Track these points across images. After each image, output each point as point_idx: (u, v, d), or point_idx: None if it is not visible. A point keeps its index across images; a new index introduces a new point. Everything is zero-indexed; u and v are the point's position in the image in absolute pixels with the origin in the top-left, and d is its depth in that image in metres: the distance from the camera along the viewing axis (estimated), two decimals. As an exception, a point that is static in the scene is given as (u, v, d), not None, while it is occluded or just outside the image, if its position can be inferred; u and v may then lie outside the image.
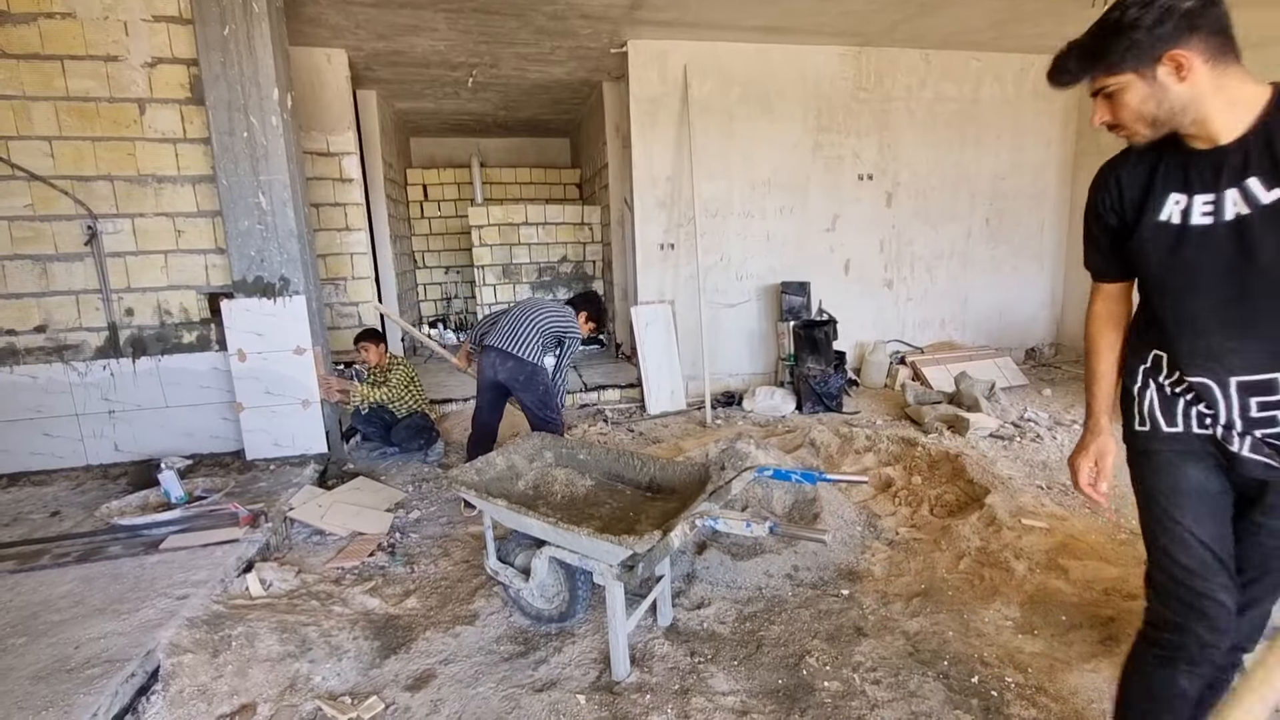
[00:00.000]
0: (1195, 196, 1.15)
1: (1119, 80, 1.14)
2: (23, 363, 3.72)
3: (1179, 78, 1.09)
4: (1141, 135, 1.20)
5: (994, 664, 2.05)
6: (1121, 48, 1.11)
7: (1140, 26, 1.08)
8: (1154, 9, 1.07)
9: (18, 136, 3.53)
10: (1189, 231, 1.17)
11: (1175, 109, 1.12)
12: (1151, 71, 1.11)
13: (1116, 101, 1.18)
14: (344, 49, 5.12)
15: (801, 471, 2.30)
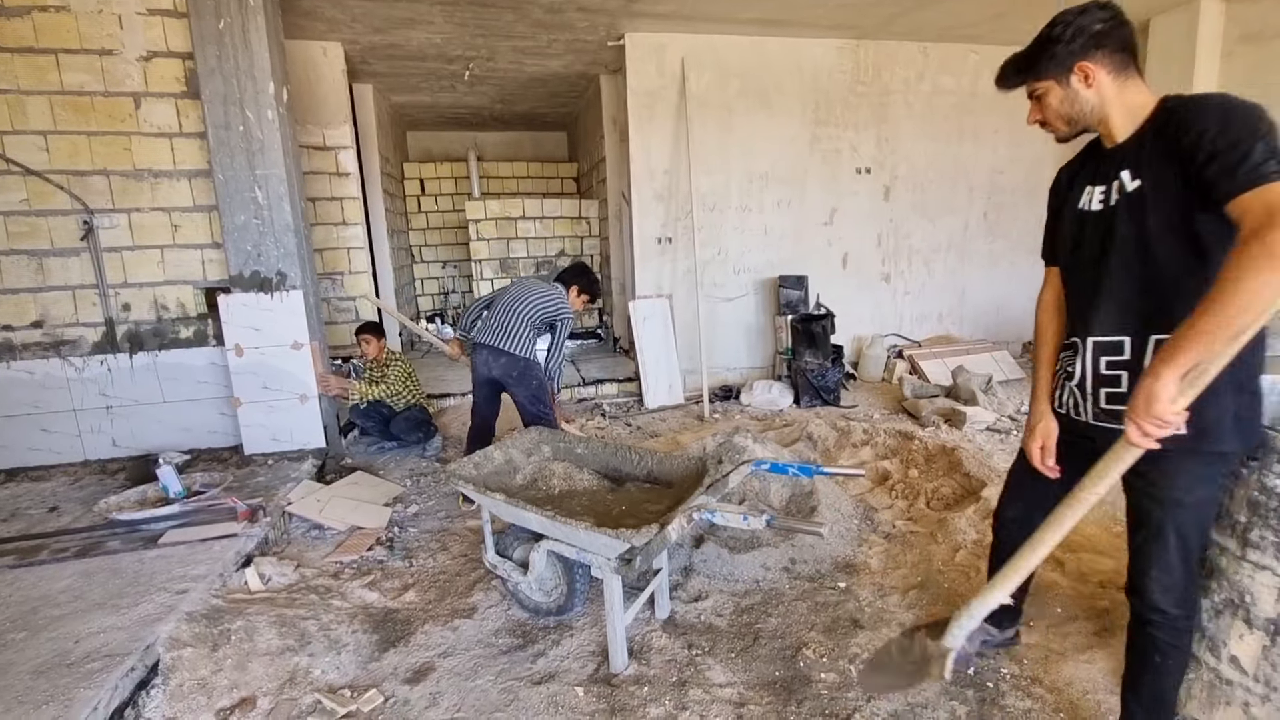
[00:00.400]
0: (1096, 187, 1.43)
1: (1043, 85, 1.40)
2: (20, 358, 3.71)
3: (1086, 85, 1.35)
4: (1062, 131, 1.46)
5: (990, 655, 2.07)
6: (1045, 58, 1.36)
7: (1059, 41, 1.34)
8: (1070, 29, 1.32)
9: (12, 131, 3.52)
10: (1088, 215, 1.44)
11: (1085, 110, 1.38)
12: (1066, 79, 1.36)
13: (1043, 103, 1.43)
14: (340, 42, 5.09)
15: (799, 465, 2.31)
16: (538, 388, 3.35)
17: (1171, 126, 1.26)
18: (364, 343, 4.24)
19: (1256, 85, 4.69)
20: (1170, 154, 1.25)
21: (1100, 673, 1.95)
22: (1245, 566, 1.48)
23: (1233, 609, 1.51)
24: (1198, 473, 1.36)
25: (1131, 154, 1.34)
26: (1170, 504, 1.39)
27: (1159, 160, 1.28)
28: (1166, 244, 1.29)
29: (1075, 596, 2.32)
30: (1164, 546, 1.41)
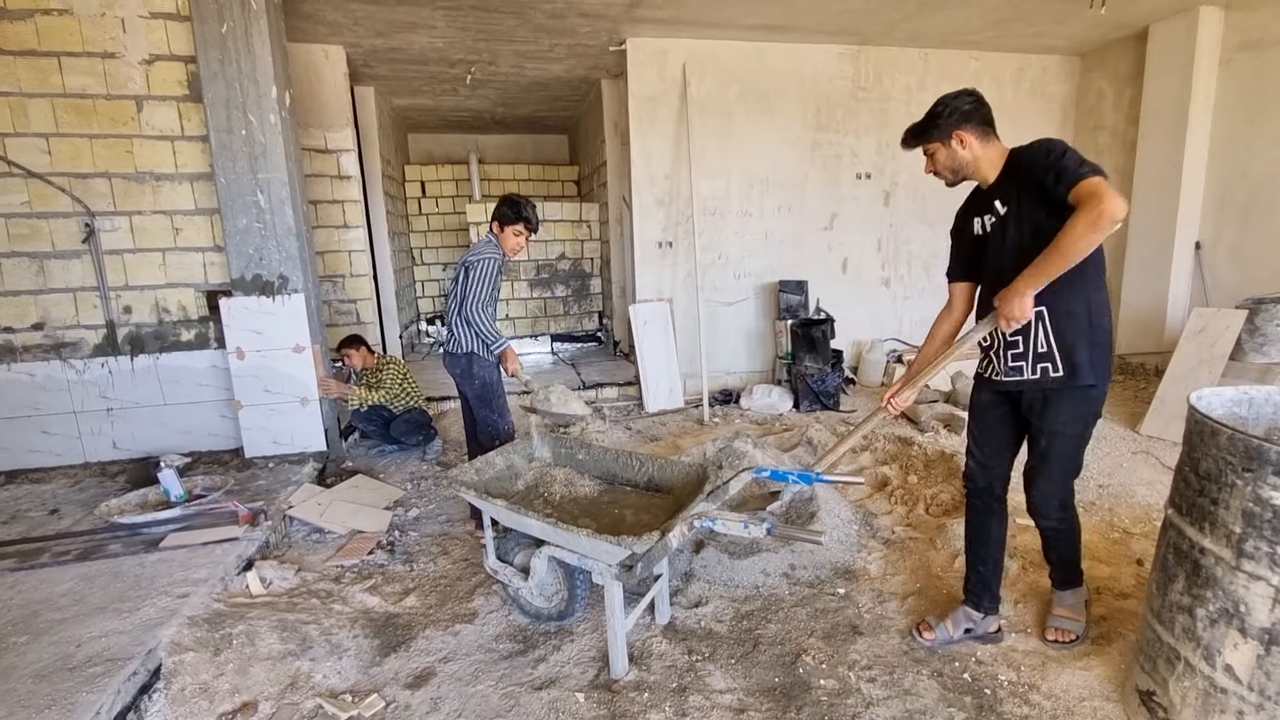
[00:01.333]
0: (981, 217, 1.99)
1: (932, 147, 1.96)
2: (20, 360, 3.72)
3: (962, 146, 1.91)
4: (949, 179, 2.00)
5: (987, 662, 2.08)
6: (933, 129, 1.92)
7: (941, 117, 1.90)
8: (949, 108, 1.89)
9: (14, 133, 3.53)
10: (978, 238, 2.01)
11: (963, 164, 1.94)
12: (948, 142, 1.92)
13: (934, 159, 1.98)
14: (342, 46, 5.11)
15: (798, 472, 2.32)
16: (481, 387, 3.02)
17: (1019, 166, 1.84)
18: (347, 357, 4.25)
19: (1255, 93, 4.72)
20: (1023, 183, 1.82)
21: (1097, 679, 1.96)
22: (1240, 577, 1.49)
23: (1227, 618, 1.52)
24: (1070, 404, 1.89)
25: (998, 190, 1.91)
26: (1052, 432, 1.92)
27: (1016, 190, 1.85)
28: (1032, 243, 1.79)
29: (1073, 603, 2.33)
30: (1045, 465, 1.97)
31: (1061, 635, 2.13)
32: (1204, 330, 4.26)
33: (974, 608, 2.16)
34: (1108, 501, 3.22)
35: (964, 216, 2.07)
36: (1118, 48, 5.62)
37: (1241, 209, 4.90)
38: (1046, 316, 1.85)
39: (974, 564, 2.16)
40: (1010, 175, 1.87)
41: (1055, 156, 1.73)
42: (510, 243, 3.03)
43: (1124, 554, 2.67)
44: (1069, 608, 2.16)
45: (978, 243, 1.99)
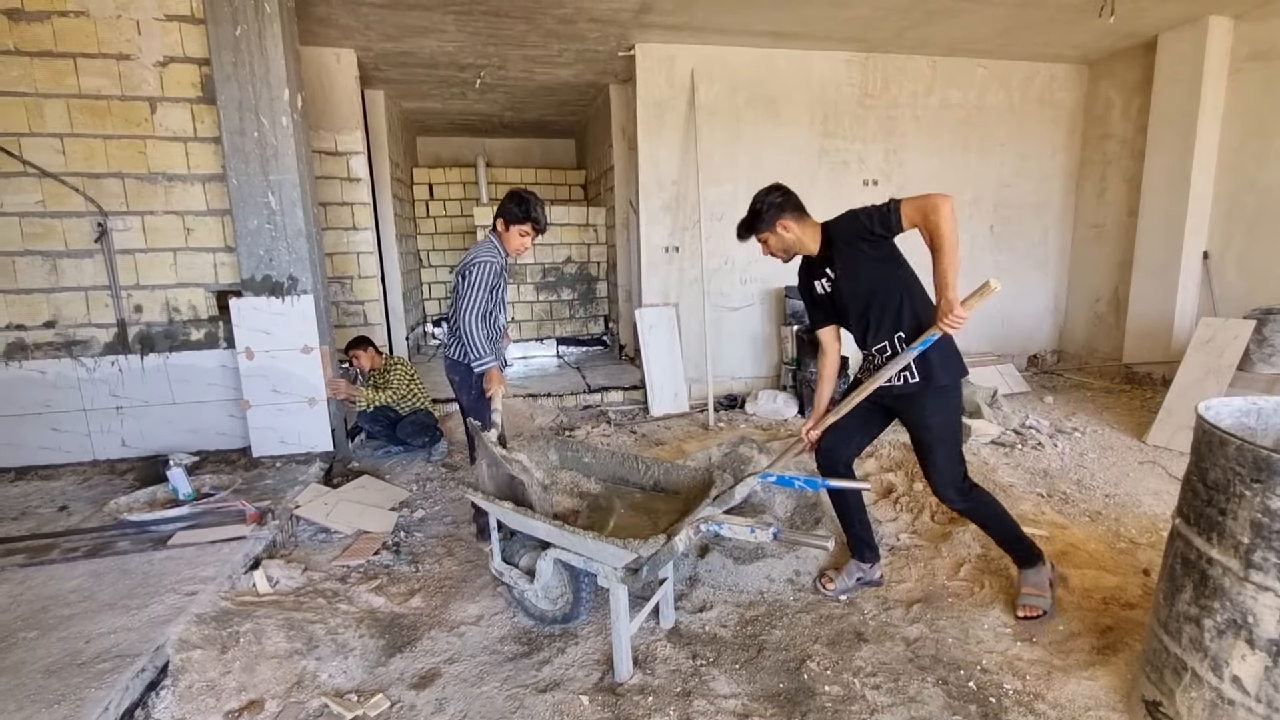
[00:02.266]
0: (819, 280, 2.33)
1: (764, 235, 2.29)
2: (32, 358, 3.75)
3: (786, 231, 2.25)
4: (782, 258, 2.35)
5: (993, 671, 2.08)
6: (759, 222, 2.26)
7: (764, 212, 2.25)
8: (766, 204, 2.24)
9: (30, 133, 3.57)
10: (821, 296, 2.35)
11: (791, 244, 2.29)
12: (774, 230, 2.26)
13: (767, 245, 2.31)
14: (353, 49, 5.15)
15: (804, 478, 2.32)
16: (478, 399, 2.86)
17: (837, 237, 2.21)
18: (354, 358, 4.29)
19: (1264, 103, 4.71)
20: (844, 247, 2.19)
21: (1103, 689, 1.95)
22: (1248, 588, 1.49)
23: (1235, 629, 1.52)
24: (933, 403, 2.19)
25: (824, 258, 2.27)
26: (924, 427, 2.22)
27: (839, 254, 2.21)
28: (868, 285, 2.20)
29: (1078, 612, 2.33)
30: (931, 455, 2.24)
31: (1029, 611, 2.29)
32: (1212, 340, 4.24)
33: (860, 559, 2.56)
34: (1114, 511, 3.21)
35: (807, 280, 2.40)
36: (1126, 57, 5.62)
37: (1250, 219, 4.89)
38: (903, 339, 2.17)
39: (846, 527, 2.55)
40: (830, 244, 2.23)
41: (864, 216, 2.11)
42: (515, 243, 2.82)
43: (1130, 564, 2.66)
44: (1033, 585, 2.33)
45: (825, 299, 2.33)
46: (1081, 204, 6.25)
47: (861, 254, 2.16)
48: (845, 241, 2.18)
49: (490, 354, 2.77)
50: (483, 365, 2.77)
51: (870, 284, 2.19)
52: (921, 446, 2.27)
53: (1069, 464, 3.87)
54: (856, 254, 2.17)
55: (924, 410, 2.20)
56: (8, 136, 3.54)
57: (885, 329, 2.20)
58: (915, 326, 2.16)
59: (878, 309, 2.20)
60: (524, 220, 2.79)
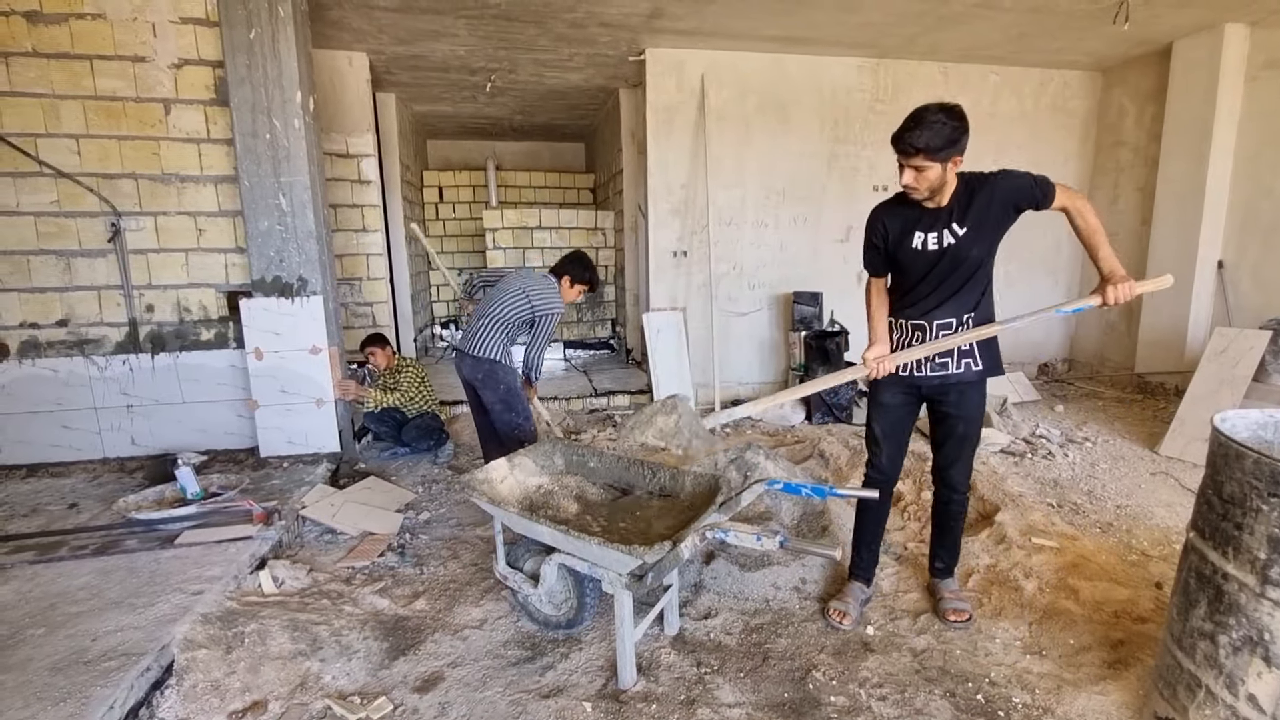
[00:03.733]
0: (929, 233, 2.08)
1: (936, 163, 1.94)
2: (44, 356, 3.78)
3: (955, 166, 1.98)
4: (924, 194, 2.03)
5: (1001, 684, 2.05)
6: (950, 147, 1.92)
7: (962, 138, 1.92)
8: (963, 130, 1.93)
9: (46, 134, 3.61)
10: (921, 252, 2.11)
11: (941, 184, 2.00)
12: (950, 161, 1.95)
13: (922, 174, 1.97)
14: (365, 52, 5.18)
15: (811, 485, 2.30)
16: (506, 392, 3.16)
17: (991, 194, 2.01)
18: (371, 355, 4.31)
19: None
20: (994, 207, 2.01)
21: (1114, 705, 1.92)
22: (1265, 604, 1.46)
23: (1251, 646, 1.49)
24: (979, 394, 2.20)
25: (955, 213, 2.04)
26: (967, 419, 2.20)
27: (980, 214, 2.02)
28: (980, 263, 2.07)
29: (1089, 626, 2.29)
30: (964, 446, 2.23)
31: (960, 615, 2.32)
32: (1226, 351, 4.19)
33: (865, 583, 2.45)
34: (1125, 523, 3.17)
35: (897, 230, 2.14)
36: (1140, 64, 5.58)
37: (1266, 228, 4.83)
38: (972, 322, 2.12)
39: (867, 544, 2.42)
40: (970, 201, 2.03)
41: (1030, 181, 2.01)
42: (571, 296, 3.34)
43: (1143, 577, 2.62)
44: (954, 592, 2.40)
45: (918, 257, 2.12)
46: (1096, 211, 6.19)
47: (1003, 221, 2.04)
48: (1002, 202, 2.02)
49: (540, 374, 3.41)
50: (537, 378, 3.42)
51: (984, 255, 2.07)
52: (958, 436, 2.22)
53: (1080, 474, 3.83)
54: (999, 219, 2.03)
55: (971, 401, 2.18)
56: (25, 137, 3.58)
57: (962, 306, 2.11)
58: (984, 315, 2.14)
59: (972, 283, 2.10)
60: (586, 284, 3.38)
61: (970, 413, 2.19)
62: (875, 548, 2.45)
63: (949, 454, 2.25)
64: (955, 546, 2.42)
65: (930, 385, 2.19)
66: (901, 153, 1.97)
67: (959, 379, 2.15)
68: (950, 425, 2.22)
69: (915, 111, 1.96)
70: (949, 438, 2.24)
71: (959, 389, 2.16)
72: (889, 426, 2.29)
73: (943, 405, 2.21)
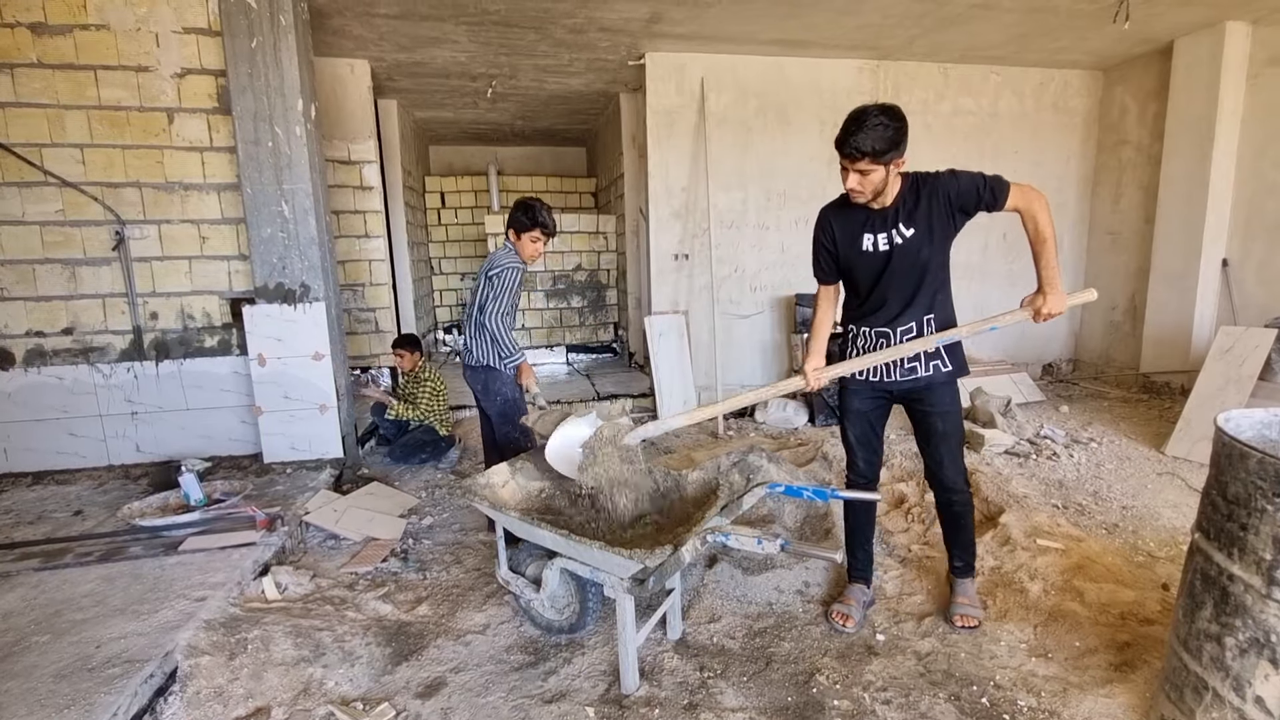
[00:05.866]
0: (876, 234, 2.09)
1: (878, 166, 1.95)
2: (50, 364, 3.81)
3: (897, 168, 1.99)
4: (866, 197, 2.03)
5: (1006, 687, 2.04)
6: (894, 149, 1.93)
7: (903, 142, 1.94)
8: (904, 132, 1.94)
9: (51, 144, 3.64)
10: (869, 254, 2.13)
11: (884, 186, 2.00)
12: (893, 164, 1.96)
13: (866, 178, 1.98)
14: (366, 59, 5.21)
15: (814, 488, 2.29)
16: (503, 404, 2.99)
17: (936, 194, 2.01)
18: (399, 356, 4.40)
19: (1283, 109, 4.64)
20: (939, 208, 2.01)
21: (1121, 708, 1.91)
22: (1271, 606, 1.45)
23: (1258, 648, 1.48)
24: (952, 393, 2.23)
25: (901, 214, 2.05)
26: (945, 416, 2.21)
27: (927, 214, 2.02)
28: (930, 264, 2.07)
29: (1095, 628, 2.28)
30: (948, 443, 2.23)
31: (968, 621, 2.30)
32: (1231, 349, 4.17)
33: (866, 584, 2.47)
34: (1131, 524, 3.15)
35: (848, 230, 2.15)
36: (1142, 62, 5.57)
37: (1271, 226, 4.81)
38: (933, 324, 2.13)
39: (861, 545, 2.46)
40: (916, 201, 2.03)
41: (978, 182, 1.99)
42: (528, 250, 2.94)
43: (1149, 578, 2.60)
44: (969, 596, 2.37)
45: (866, 259, 2.13)
46: (1097, 211, 6.18)
47: (953, 221, 2.03)
48: (946, 202, 2.01)
49: (519, 350, 2.98)
50: (516, 359, 2.96)
51: (934, 257, 2.06)
52: (939, 432, 2.23)
53: (1085, 475, 3.81)
54: (952, 218, 2.03)
55: (945, 397, 2.21)
56: (30, 147, 3.61)
57: (920, 309, 2.12)
58: (943, 317, 2.15)
59: (926, 286, 2.09)
60: (532, 226, 2.91)
61: (946, 407, 2.21)
62: (869, 548, 2.49)
63: (935, 455, 2.26)
64: (970, 544, 2.39)
65: (901, 389, 2.23)
66: (846, 156, 1.97)
67: (929, 381, 2.18)
68: (930, 424, 2.24)
69: (854, 113, 1.95)
70: (930, 437, 2.26)
71: (930, 390, 2.20)
72: (861, 432, 2.35)
73: (919, 405, 2.24)
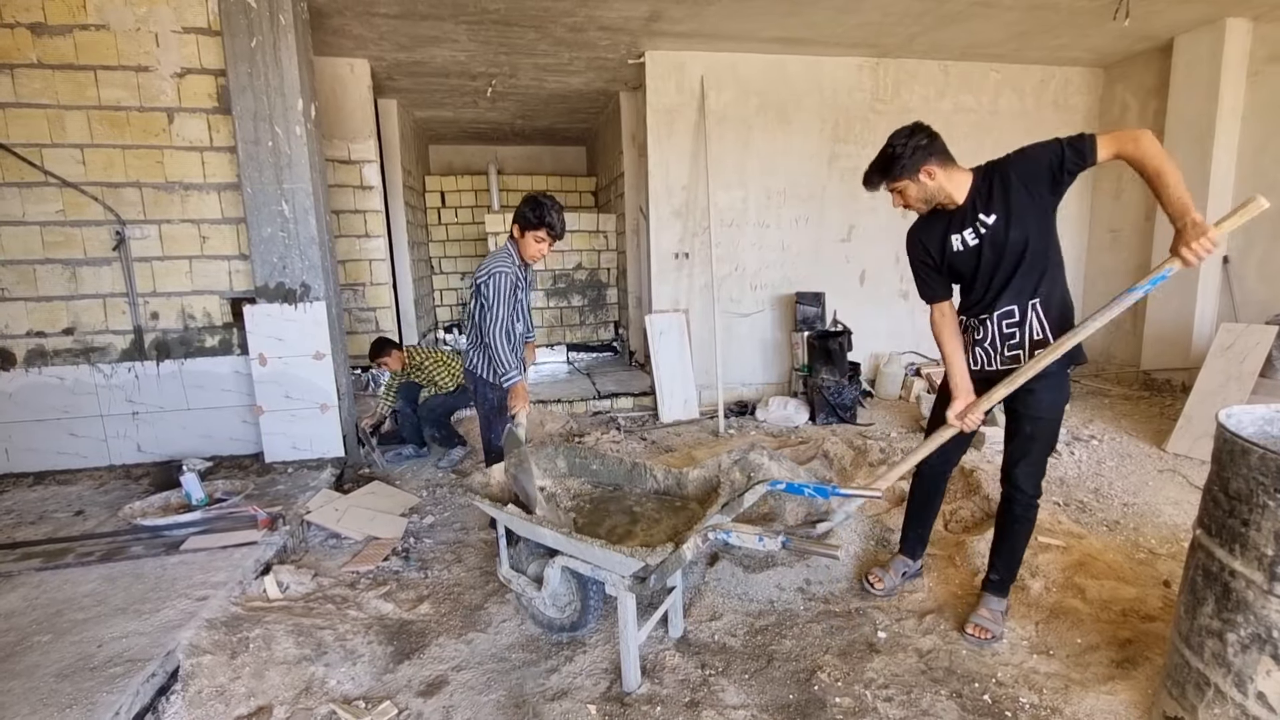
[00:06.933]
0: (962, 232, 2.08)
1: (901, 184, 2.06)
2: (51, 364, 3.81)
3: (930, 179, 2.02)
4: (922, 209, 2.13)
5: (1008, 684, 2.03)
6: (898, 168, 2.02)
7: (905, 157, 1.99)
8: (909, 148, 1.99)
9: (51, 144, 3.64)
10: (961, 252, 2.10)
11: (933, 194, 2.06)
12: (916, 177, 2.02)
13: (904, 194, 2.09)
14: (366, 59, 5.20)
15: (814, 485, 2.29)
16: (489, 410, 2.94)
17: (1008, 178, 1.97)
18: (383, 365, 4.29)
19: (1284, 106, 4.63)
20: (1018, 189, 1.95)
21: (1123, 704, 1.91)
22: (1273, 601, 1.45)
23: (1260, 644, 1.48)
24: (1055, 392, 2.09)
25: (978, 205, 2.02)
26: (1035, 420, 2.11)
27: (1004, 198, 1.98)
28: (1038, 233, 1.98)
29: (1097, 625, 2.28)
30: (1031, 447, 2.14)
31: (981, 632, 2.24)
32: (1233, 346, 4.16)
33: (910, 556, 2.58)
34: (1133, 521, 3.15)
35: (938, 237, 2.14)
36: (1142, 60, 5.56)
37: (1271, 223, 4.79)
38: (1039, 306, 2.04)
39: (914, 524, 2.55)
40: (990, 189, 2.01)
41: (1053, 150, 1.90)
42: (531, 249, 2.79)
43: (1150, 575, 2.60)
44: (992, 611, 2.29)
45: (961, 257, 2.11)
46: (1097, 208, 6.18)
47: (1037, 197, 1.95)
48: (1026, 179, 1.94)
49: (516, 369, 2.76)
50: (510, 381, 2.76)
51: (1033, 233, 1.97)
52: (1025, 434, 2.13)
53: (1086, 472, 3.81)
54: (1032, 196, 1.95)
55: (1040, 400, 2.08)
56: (30, 147, 3.61)
57: (1021, 293, 2.03)
58: (1054, 298, 2.03)
59: (1027, 267, 2.00)
60: (539, 226, 2.74)
61: (1038, 412, 2.09)
62: (920, 530, 2.55)
63: (1013, 452, 2.18)
64: (1012, 559, 2.28)
65: (990, 379, 2.12)
66: (870, 189, 2.14)
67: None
68: (1018, 423, 2.15)
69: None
70: (1015, 435, 2.17)
71: (1028, 386, 2.02)
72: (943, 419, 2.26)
73: (1012, 403, 2.12)
